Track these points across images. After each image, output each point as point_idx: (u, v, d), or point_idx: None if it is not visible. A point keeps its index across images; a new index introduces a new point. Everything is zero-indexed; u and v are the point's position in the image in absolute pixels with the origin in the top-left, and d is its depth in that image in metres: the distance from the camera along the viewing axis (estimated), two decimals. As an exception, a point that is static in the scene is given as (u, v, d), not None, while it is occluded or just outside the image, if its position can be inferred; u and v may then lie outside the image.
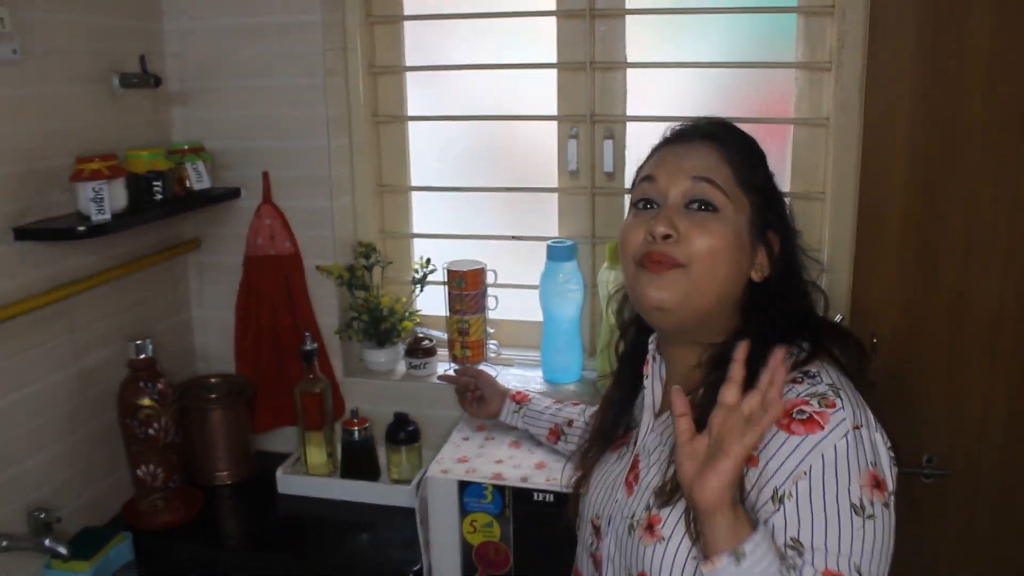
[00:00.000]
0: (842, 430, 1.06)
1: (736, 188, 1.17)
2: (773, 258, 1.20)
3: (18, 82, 1.65)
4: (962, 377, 1.97)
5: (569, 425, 1.73)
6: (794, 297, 1.22)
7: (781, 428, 1.07)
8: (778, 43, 1.97)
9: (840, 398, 1.08)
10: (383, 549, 1.83)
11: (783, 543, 1.03)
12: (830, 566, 1.01)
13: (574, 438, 1.70)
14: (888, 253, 1.95)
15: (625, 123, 2.04)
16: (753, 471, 1.07)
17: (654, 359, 1.30)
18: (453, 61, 2.15)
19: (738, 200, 1.17)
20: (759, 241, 1.19)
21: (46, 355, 1.75)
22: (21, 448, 1.70)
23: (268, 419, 2.18)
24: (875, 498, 1.05)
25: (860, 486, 1.04)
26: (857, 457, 1.05)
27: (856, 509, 1.03)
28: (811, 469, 1.04)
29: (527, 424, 1.82)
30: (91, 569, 1.70)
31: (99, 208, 1.68)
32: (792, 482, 1.04)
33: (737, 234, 1.16)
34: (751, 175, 1.19)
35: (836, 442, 1.05)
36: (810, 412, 1.07)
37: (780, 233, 1.21)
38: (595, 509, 1.29)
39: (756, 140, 1.26)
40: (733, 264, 1.16)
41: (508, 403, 1.85)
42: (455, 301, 2.06)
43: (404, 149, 2.21)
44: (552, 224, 2.16)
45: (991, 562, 2.06)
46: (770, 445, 1.07)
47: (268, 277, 2.11)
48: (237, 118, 2.07)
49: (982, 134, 1.84)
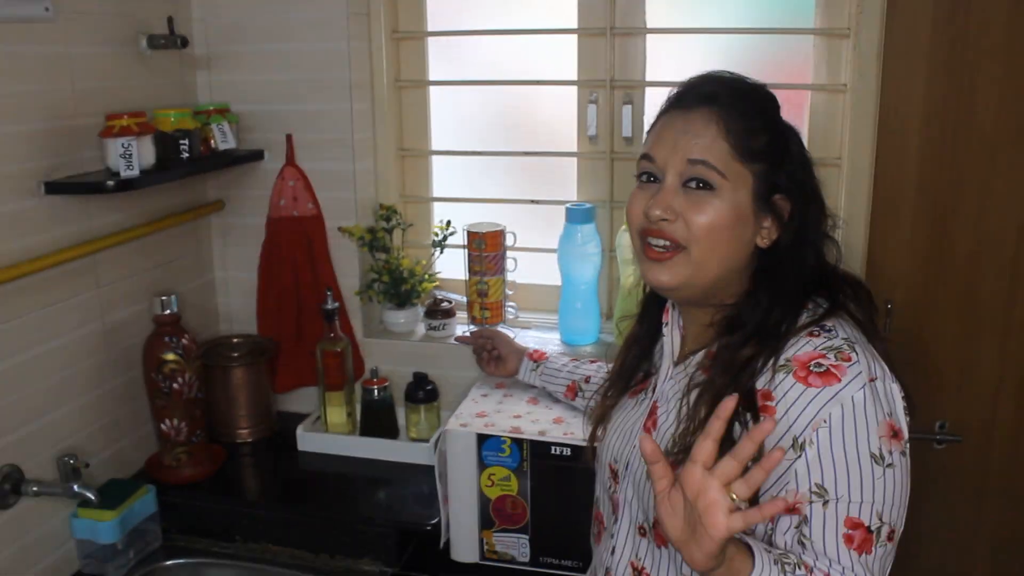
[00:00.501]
0: (859, 382, 1.08)
1: (735, 162, 1.16)
2: (782, 223, 1.20)
3: (49, 40, 1.69)
4: (975, 344, 1.99)
5: (587, 382, 1.76)
6: (806, 257, 1.21)
7: (799, 380, 1.10)
8: (797, 9, 1.98)
9: (855, 352, 1.11)
10: (401, 504, 1.87)
11: (808, 488, 1.07)
12: (852, 514, 1.06)
13: (591, 393, 1.70)
14: (903, 219, 1.96)
15: (644, 88, 2.06)
16: (769, 420, 1.08)
17: (673, 307, 1.33)
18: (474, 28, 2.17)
19: (737, 175, 1.16)
20: (764, 210, 1.18)
21: (73, 309, 1.79)
22: (49, 399, 1.74)
23: (289, 379, 2.22)
24: (893, 447, 1.08)
25: (879, 436, 1.08)
26: (875, 408, 1.08)
27: (876, 458, 1.07)
28: (830, 418, 1.07)
29: (545, 382, 1.84)
30: (116, 519, 1.74)
31: (128, 164, 1.71)
32: (812, 430, 1.08)
33: (736, 209, 1.16)
34: (752, 143, 1.17)
35: (854, 393, 1.08)
36: (827, 365, 1.10)
37: (791, 195, 1.19)
38: (613, 453, 1.32)
39: (763, 93, 1.23)
40: (733, 239, 1.17)
41: (526, 361, 1.88)
42: (474, 262, 2.09)
43: (425, 114, 2.24)
44: (570, 189, 2.19)
45: (1002, 527, 2.08)
46: (788, 395, 1.10)
47: (291, 238, 2.14)
48: (261, 81, 2.10)
49: (999, 101, 1.85)
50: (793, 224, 1.20)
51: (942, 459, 2.06)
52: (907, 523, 1.12)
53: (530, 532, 1.71)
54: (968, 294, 1.97)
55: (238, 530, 1.88)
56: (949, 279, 1.98)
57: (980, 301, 1.96)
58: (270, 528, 1.87)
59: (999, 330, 1.97)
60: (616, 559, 1.29)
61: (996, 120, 1.86)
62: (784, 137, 1.21)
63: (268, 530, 1.87)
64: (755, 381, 1.14)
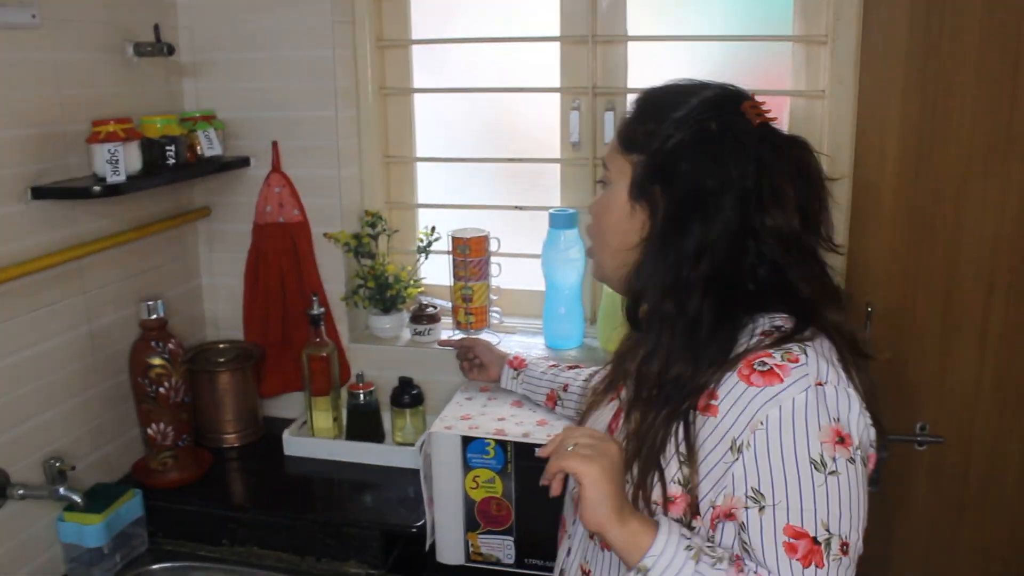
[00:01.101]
0: (802, 384, 1.03)
1: (618, 156, 1.20)
2: (654, 214, 1.15)
3: (36, 47, 1.70)
4: (955, 345, 2.02)
5: (565, 390, 1.76)
6: (690, 250, 1.12)
7: (741, 379, 1.06)
8: (776, 17, 2.01)
9: (805, 354, 1.06)
10: (387, 507, 1.87)
11: (744, 493, 1.04)
12: (792, 521, 1.01)
13: (570, 403, 1.74)
14: (882, 224, 1.99)
15: (626, 95, 2.09)
16: (712, 420, 1.07)
17: None
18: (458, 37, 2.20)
19: (619, 167, 1.19)
20: (638, 199, 1.16)
21: (60, 313, 1.80)
22: (35, 403, 1.75)
23: (275, 384, 2.23)
24: (837, 454, 1.02)
25: (820, 442, 1.02)
26: (817, 413, 1.03)
27: (816, 464, 1.01)
28: (767, 419, 1.03)
29: (525, 390, 1.85)
30: (103, 522, 1.75)
31: (114, 170, 1.73)
32: (750, 432, 1.04)
33: (615, 199, 1.20)
34: (634, 132, 1.18)
35: (795, 395, 1.03)
36: (771, 364, 1.05)
37: (668, 187, 1.13)
38: None
39: (682, 89, 1.18)
40: (613, 228, 1.21)
41: (506, 369, 1.88)
42: (459, 268, 2.11)
43: (410, 121, 2.26)
44: (554, 196, 2.21)
45: (983, 526, 2.10)
46: (731, 394, 1.07)
47: (277, 244, 2.15)
48: (247, 89, 2.12)
49: (974, 107, 1.89)
50: (669, 217, 1.13)
51: (925, 460, 2.08)
52: (888, 528, 1.09)
53: (515, 534, 1.72)
54: (947, 297, 2.00)
55: (224, 534, 1.89)
56: (928, 283, 2.00)
57: (958, 304, 1.99)
58: (256, 532, 1.87)
59: (977, 332, 2.00)
60: (571, 560, 1.30)
61: (972, 127, 1.90)
62: (685, 130, 1.13)
63: (254, 534, 1.87)
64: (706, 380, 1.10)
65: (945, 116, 1.91)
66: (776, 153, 1.13)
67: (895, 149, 1.95)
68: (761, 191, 1.11)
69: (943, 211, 1.96)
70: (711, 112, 1.14)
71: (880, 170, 1.97)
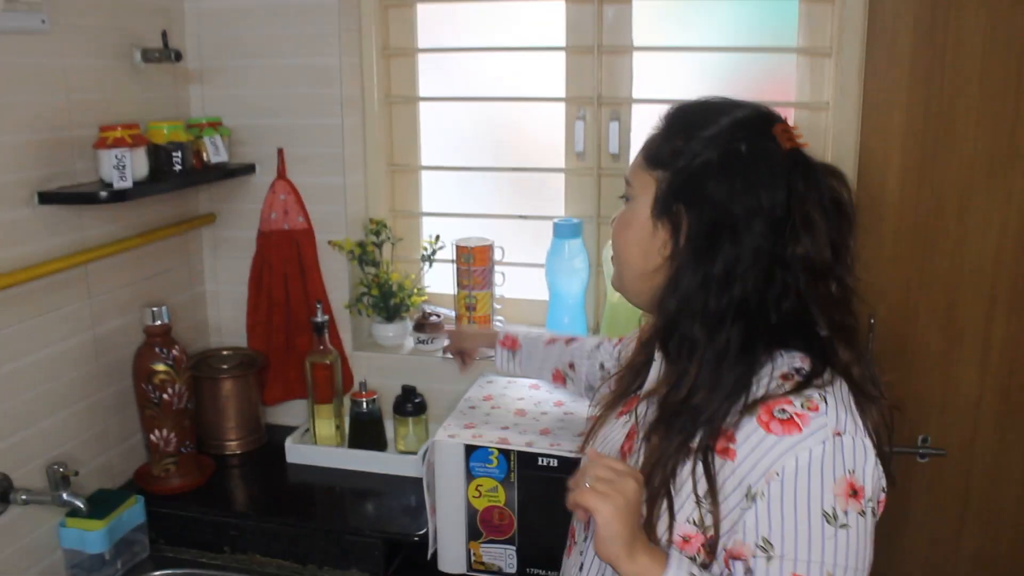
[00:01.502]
0: (820, 436, 1.02)
1: (642, 172, 1.17)
2: (676, 235, 1.12)
3: (45, 52, 1.71)
4: (957, 358, 2.02)
5: (571, 368, 1.75)
6: (708, 282, 1.09)
7: (761, 425, 1.05)
8: (781, 29, 2.02)
9: (825, 402, 1.04)
10: (389, 515, 1.87)
11: (754, 542, 1.03)
12: (799, 571, 1.01)
13: (579, 379, 1.74)
14: (885, 235, 1.99)
15: (631, 105, 2.10)
16: (729, 464, 1.06)
17: None
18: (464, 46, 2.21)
19: (642, 183, 1.17)
20: (660, 217, 1.14)
21: (65, 319, 1.80)
22: (39, 408, 1.75)
23: (278, 392, 2.23)
24: (849, 507, 1.02)
25: (834, 495, 1.01)
26: (833, 465, 1.02)
27: (828, 517, 1.01)
28: (783, 470, 1.02)
29: (527, 370, 1.83)
30: (104, 528, 1.74)
31: (121, 175, 1.73)
32: (765, 481, 1.03)
33: (637, 217, 1.17)
34: (659, 149, 1.15)
35: (812, 447, 1.02)
36: (791, 413, 1.04)
37: (694, 207, 1.10)
38: None
39: (714, 107, 1.15)
40: (634, 245, 1.18)
41: (500, 351, 1.85)
42: (463, 276, 2.11)
43: (415, 130, 2.27)
44: (558, 205, 2.22)
45: (984, 539, 2.10)
46: (750, 440, 1.05)
47: (281, 251, 2.15)
48: (253, 96, 2.13)
49: (978, 120, 1.89)
50: (696, 240, 1.10)
51: (926, 473, 2.08)
52: (888, 540, 1.09)
53: (517, 543, 1.72)
54: (949, 310, 2.00)
55: (226, 541, 1.88)
56: (931, 295, 2.01)
57: (961, 317, 2.00)
58: (258, 539, 1.87)
59: (979, 345, 2.00)
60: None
61: (975, 139, 1.90)
62: (714, 150, 1.10)
63: (256, 541, 1.87)
64: (724, 416, 1.09)
65: (948, 129, 1.92)
66: (808, 181, 1.09)
67: (898, 161, 1.96)
68: (793, 219, 1.07)
69: (946, 224, 1.96)
70: (741, 133, 1.10)
71: (883, 182, 1.97)
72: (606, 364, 1.69)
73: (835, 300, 1.11)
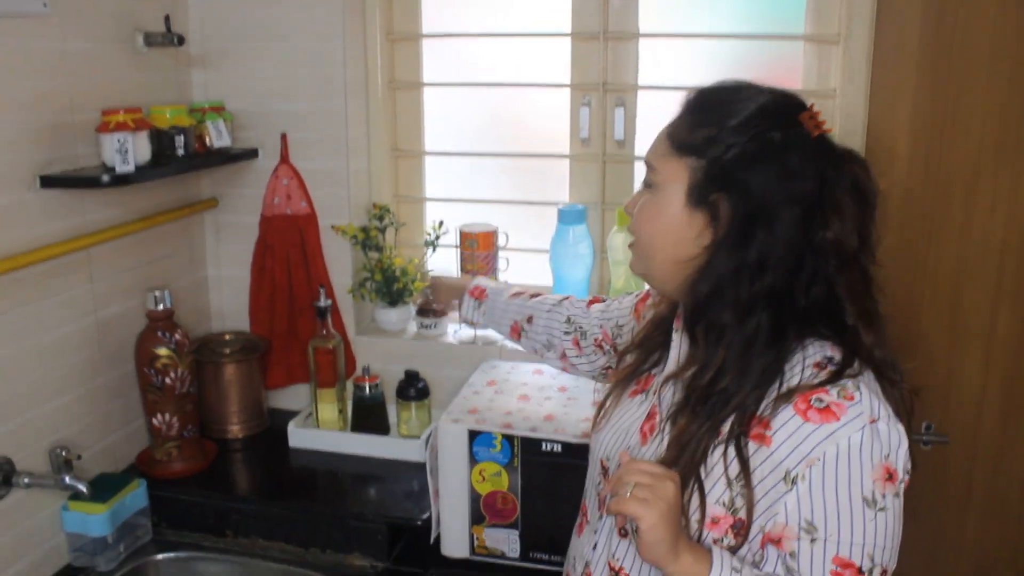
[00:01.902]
0: (858, 424, 1.06)
1: (671, 158, 1.16)
2: (715, 224, 1.13)
3: (47, 36, 1.70)
4: (962, 346, 2.02)
5: (529, 322, 1.72)
6: (748, 271, 1.11)
7: (798, 413, 1.08)
8: (788, 16, 2.01)
9: (859, 391, 1.08)
10: (392, 499, 1.88)
11: (797, 524, 1.07)
12: (842, 553, 1.06)
13: (535, 334, 1.70)
14: (891, 223, 1.98)
15: (636, 92, 2.09)
16: (764, 449, 1.09)
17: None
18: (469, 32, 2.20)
19: (671, 170, 1.16)
20: (697, 206, 1.14)
21: (67, 303, 1.80)
22: (41, 392, 1.75)
23: (281, 376, 2.23)
24: (887, 491, 1.07)
25: (872, 480, 1.06)
26: (871, 451, 1.06)
27: (868, 502, 1.06)
28: (824, 456, 1.06)
29: (488, 321, 1.81)
30: (107, 512, 1.75)
31: (123, 159, 1.72)
32: (806, 466, 1.06)
33: (668, 204, 1.16)
34: (691, 135, 1.15)
35: (851, 434, 1.06)
36: (828, 402, 1.07)
37: (733, 195, 1.11)
38: (605, 450, 1.31)
39: (742, 94, 1.15)
40: (666, 233, 1.18)
41: (467, 299, 1.82)
42: (467, 262, 2.11)
43: (419, 115, 2.26)
44: (562, 192, 2.21)
45: (986, 526, 2.10)
46: (786, 427, 1.08)
47: (284, 236, 2.15)
48: (257, 80, 2.11)
49: (985, 107, 1.88)
50: (733, 229, 1.11)
51: (930, 460, 2.08)
52: None
53: (520, 527, 1.73)
54: (955, 298, 1.99)
55: (229, 525, 1.89)
56: (936, 283, 2.00)
57: (966, 305, 1.99)
58: (261, 523, 1.87)
59: (984, 333, 1.99)
60: (596, 555, 1.29)
61: (983, 127, 1.89)
62: (747, 138, 1.11)
63: (258, 525, 1.87)
64: (754, 404, 1.11)
65: (956, 116, 1.90)
66: (837, 168, 1.12)
67: (905, 149, 1.95)
68: (824, 206, 1.10)
69: (952, 212, 1.95)
70: (771, 121, 1.12)
71: (890, 170, 1.96)
72: (574, 318, 1.65)
73: (861, 285, 1.14)
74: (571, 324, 1.65)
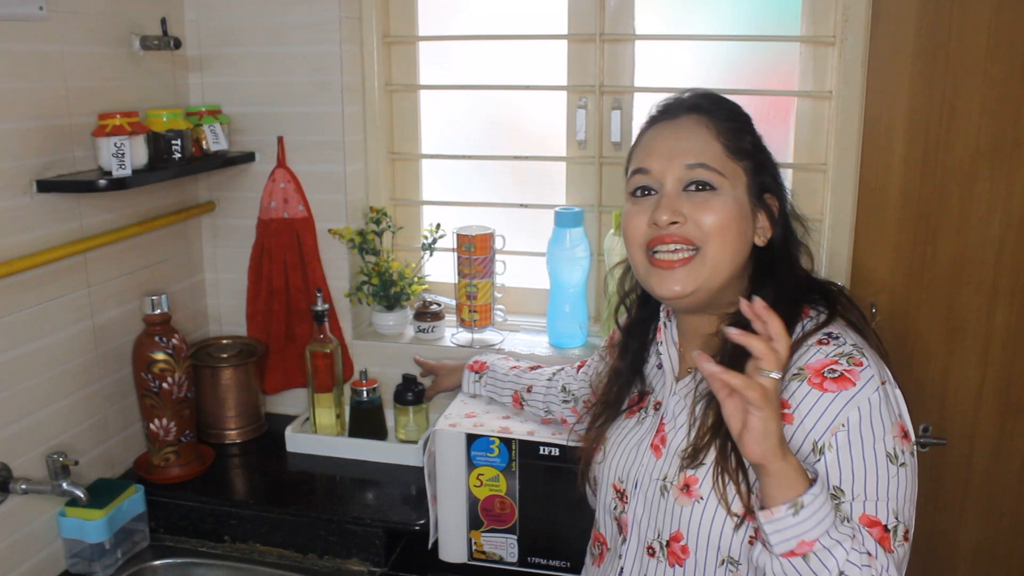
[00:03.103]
0: (873, 385, 1.11)
1: (729, 161, 1.20)
2: (773, 220, 1.24)
3: (44, 39, 1.70)
4: (958, 347, 2.02)
5: (528, 391, 1.78)
6: (797, 257, 1.28)
7: (814, 387, 1.12)
8: (784, 17, 2.01)
9: (865, 357, 1.14)
10: (390, 504, 1.87)
11: (826, 491, 1.07)
12: (868, 511, 1.08)
13: (535, 403, 1.76)
14: (888, 224, 1.99)
15: (633, 94, 2.09)
16: (788, 428, 1.11)
17: (665, 326, 1.34)
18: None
19: (733, 172, 1.20)
20: (759, 205, 1.23)
21: (64, 307, 1.79)
22: (38, 397, 1.74)
23: (278, 380, 2.22)
24: (904, 447, 1.11)
25: (893, 436, 1.10)
26: (889, 410, 1.11)
27: (891, 457, 1.10)
28: (848, 421, 1.10)
29: (490, 392, 1.87)
30: (104, 518, 1.74)
31: (120, 163, 1.72)
32: (831, 434, 1.10)
33: (739, 205, 1.19)
34: (739, 142, 1.21)
35: (869, 395, 1.11)
36: (841, 370, 1.12)
37: (776, 194, 1.25)
38: (617, 473, 1.31)
39: (737, 104, 1.28)
40: (741, 235, 1.20)
41: (467, 373, 1.91)
42: (464, 265, 2.10)
43: (416, 118, 2.26)
44: (559, 195, 2.21)
45: (984, 528, 2.10)
46: (805, 402, 1.12)
47: (281, 239, 2.14)
48: (253, 84, 2.11)
49: (981, 109, 1.89)
50: (783, 222, 1.25)
51: (927, 462, 2.08)
52: None
53: (518, 532, 1.72)
54: (951, 299, 2.00)
55: (226, 530, 1.88)
56: (933, 284, 2.00)
57: (962, 306, 1.99)
58: (258, 528, 1.87)
59: (981, 334, 2.00)
60: None
61: (979, 128, 1.90)
62: (762, 144, 1.27)
63: (256, 530, 1.87)
64: None
65: (952, 118, 1.91)
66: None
67: (901, 150, 1.95)
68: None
69: (948, 212, 1.96)
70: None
71: (886, 171, 1.96)
72: (568, 387, 1.71)
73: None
74: (567, 393, 1.71)
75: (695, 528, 1.18)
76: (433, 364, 2.03)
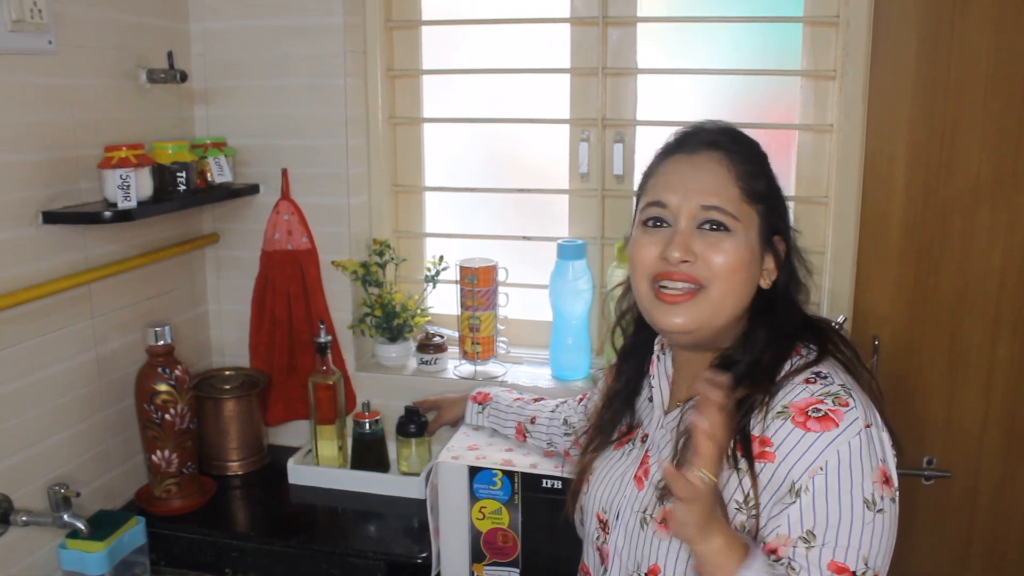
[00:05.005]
0: (855, 428, 1.09)
1: (744, 204, 1.19)
2: (779, 263, 1.24)
3: (52, 72, 1.71)
4: (961, 379, 2.02)
5: (532, 423, 1.78)
6: (797, 299, 1.27)
7: (797, 426, 1.11)
8: (785, 52, 2.03)
9: (852, 398, 1.12)
10: (392, 537, 1.86)
11: (797, 535, 1.08)
12: (837, 558, 1.06)
13: (539, 434, 1.76)
14: (889, 257, 2.00)
15: (635, 127, 2.10)
16: (769, 466, 1.11)
17: (659, 359, 1.35)
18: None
19: (747, 216, 1.19)
20: (767, 248, 1.22)
21: (68, 338, 1.79)
22: (41, 428, 1.74)
23: (280, 412, 2.22)
24: (884, 493, 1.09)
25: (872, 482, 1.08)
26: (869, 454, 1.09)
27: (868, 504, 1.08)
28: (827, 465, 1.08)
29: (493, 423, 1.86)
30: (105, 550, 1.72)
31: (125, 195, 1.73)
32: (809, 477, 1.09)
33: (750, 248, 1.19)
34: (756, 184, 1.21)
35: (850, 439, 1.09)
36: (825, 410, 1.11)
37: (785, 236, 1.25)
38: (600, 504, 1.32)
39: (754, 141, 1.27)
40: (748, 279, 1.20)
41: (470, 405, 1.91)
42: (466, 297, 2.11)
43: (419, 150, 2.27)
44: (561, 227, 2.22)
45: (990, 563, 2.09)
46: (787, 440, 1.11)
47: (284, 271, 2.15)
48: (258, 116, 2.13)
49: (982, 140, 1.90)
50: (789, 265, 1.25)
51: (931, 495, 2.07)
52: (893, 563, 1.12)
53: (521, 565, 1.71)
54: (953, 332, 2.00)
55: (228, 562, 1.87)
56: (935, 317, 2.00)
57: (965, 339, 1.99)
58: (260, 561, 1.86)
59: (984, 366, 1.99)
60: None
61: (979, 160, 1.91)
62: (776, 185, 1.26)
63: (258, 563, 1.86)
64: (749, 423, 1.15)
65: (952, 150, 1.92)
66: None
67: (902, 183, 1.96)
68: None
69: (950, 244, 1.96)
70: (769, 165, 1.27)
71: (887, 204, 1.97)
72: (570, 420, 1.72)
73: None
74: (568, 426, 1.71)
75: (672, 561, 1.18)
76: (433, 400, 2.02)
